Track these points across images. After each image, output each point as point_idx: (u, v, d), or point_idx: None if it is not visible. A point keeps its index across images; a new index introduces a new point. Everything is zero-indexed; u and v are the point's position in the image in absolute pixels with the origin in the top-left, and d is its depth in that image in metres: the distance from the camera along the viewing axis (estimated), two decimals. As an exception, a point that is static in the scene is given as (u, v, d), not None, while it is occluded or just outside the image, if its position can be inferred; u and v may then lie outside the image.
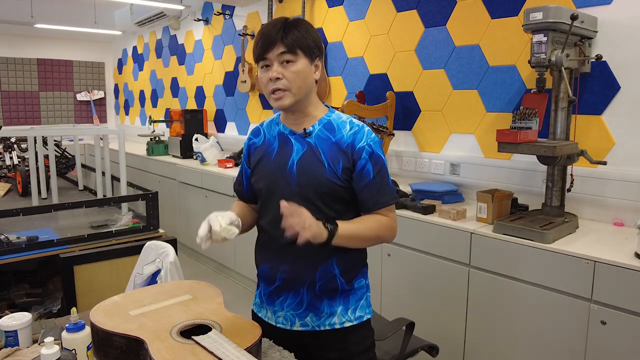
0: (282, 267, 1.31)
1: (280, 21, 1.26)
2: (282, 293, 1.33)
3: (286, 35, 1.23)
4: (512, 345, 1.95)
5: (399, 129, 3.03)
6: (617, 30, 2.07)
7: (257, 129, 1.44)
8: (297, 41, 1.23)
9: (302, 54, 1.25)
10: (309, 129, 1.31)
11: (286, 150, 1.32)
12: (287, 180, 1.29)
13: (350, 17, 3.32)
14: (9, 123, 6.69)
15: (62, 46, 7.08)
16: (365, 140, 1.28)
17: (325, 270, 1.29)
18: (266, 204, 1.36)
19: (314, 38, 1.27)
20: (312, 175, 1.27)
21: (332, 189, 1.27)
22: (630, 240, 1.87)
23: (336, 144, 1.29)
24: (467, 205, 2.48)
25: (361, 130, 1.30)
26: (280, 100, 1.26)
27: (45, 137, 3.53)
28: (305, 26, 1.27)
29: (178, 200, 4.37)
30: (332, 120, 1.33)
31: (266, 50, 1.24)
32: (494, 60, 2.53)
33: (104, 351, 1.06)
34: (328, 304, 1.31)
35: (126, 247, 2.08)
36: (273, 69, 1.24)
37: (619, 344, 1.65)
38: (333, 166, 1.27)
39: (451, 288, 2.13)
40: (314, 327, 1.31)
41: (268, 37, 1.24)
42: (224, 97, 4.76)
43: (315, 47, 1.27)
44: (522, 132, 1.91)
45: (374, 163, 1.28)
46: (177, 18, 5.31)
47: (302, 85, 1.26)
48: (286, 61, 1.24)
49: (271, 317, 1.36)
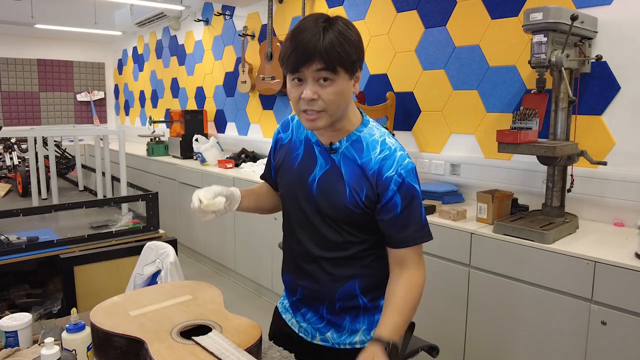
0: (302, 282, 1.27)
1: (319, 25, 1.04)
2: (303, 306, 1.29)
3: (328, 48, 1.02)
4: (512, 346, 1.95)
5: (399, 129, 3.03)
6: (617, 31, 2.07)
7: (286, 123, 1.33)
8: (339, 57, 1.04)
9: (343, 72, 1.06)
10: (335, 144, 1.17)
11: (309, 162, 1.21)
12: (306, 195, 1.21)
13: (350, 17, 3.32)
14: (9, 123, 6.69)
15: (62, 46, 7.08)
16: (394, 168, 1.12)
17: (346, 291, 1.22)
18: (286, 214, 1.31)
19: (358, 48, 1.08)
20: (331, 199, 1.17)
21: (351, 216, 1.16)
22: (631, 240, 1.87)
23: (361, 167, 1.15)
24: (467, 205, 2.48)
25: (392, 155, 1.13)
26: (314, 122, 1.09)
27: (46, 137, 3.53)
28: (349, 34, 1.06)
29: (178, 201, 4.37)
30: (362, 137, 1.17)
31: (301, 64, 1.04)
32: (494, 60, 2.53)
33: (104, 352, 1.06)
34: (350, 321, 1.25)
35: (126, 248, 2.08)
36: (308, 88, 1.06)
37: (619, 344, 1.65)
38: (355, 193, 1.14)
39: (451, 288, 2.13)
40: (334, 344, 1.26)
41: (305, 49, 1.03)
42: (224, 98, 4.76)
43: (357, 60, 1.08)
44: (522, 132, 1.91)
45: (403, 195, 1.13)
46: (177, 18, 5.32)
47: (341, 106, 1.10)
48: (323, 79, 1.06)
49: (295, 324, 1.33)
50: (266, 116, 4.26)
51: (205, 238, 4.05)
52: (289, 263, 1.32)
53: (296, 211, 1.25)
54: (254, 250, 3.44)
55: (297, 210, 1.24)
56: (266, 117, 4.26)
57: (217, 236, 3.87)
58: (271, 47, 3.85)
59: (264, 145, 4.25)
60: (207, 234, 4.02)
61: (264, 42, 3.93)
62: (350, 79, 1.10)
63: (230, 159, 4.05)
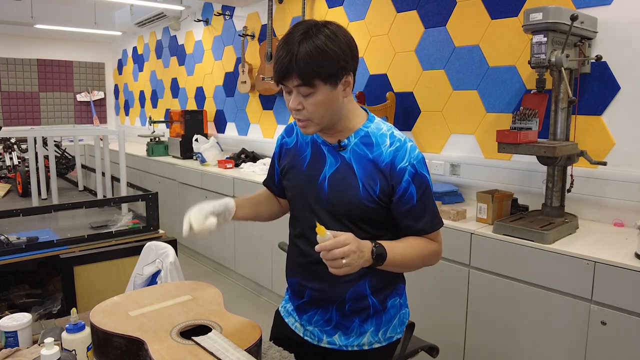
0: (311, 284, 1.26)
1: (295, 40, 1.05)
2: (310, 309, 1.28)
3: (301, 65, 1.04)
4: (512, 346, 1.95)
5: (398, 129, 3.01)
6: (617, 31, 2.07)
7: (290, 128, 1.34)
8: (314, 72, 1.05)
9: (322, 84, 1.07)
10: (343, 141, 1.19)
11: (318, 162, 1.22)
12: (317, 196, 1.20)
13: (350, 17, 3.32)
14: (9, 123, 6.69)
15: (62, 47, 7.08)
16: (407, 159, 1.14)
17: (356, 290, 1.22)
18: (295, 217, 1.30)
19: (337, 58, 1.06)
20: (344, 196, 1.16)
21: (365, 212, 1.16)
22: (630, 240, 1.87)
23: (373, 161, 1.16)
24: (467, 205, 2.48)
25: (403, 146, 1.16)
26: (305, 128, 1.14)
27: (45, 137, 3.53)
28: (329, 45, 1.05)
29: (178, 201, 4.37)
30: (371, 132, 1.19)
31: (281, 79, 1.09)
32: (494, 60, 2.53)
33: (104, 352, 1.06)
34: (359, 324, 1.24)
35: (126, 248, 2.08)
36: (292, 99, 1.11)
37: (619, 344, 1.65)
38: (369, 187, 1.15)
39: (451, 288, 2.13)
40: (341, 346, 1.26)
41: (281, 66, 1.06)
42: (224, 98, 4.76)
43: (339, 69, 1.08)
44: (522, 132, 1.91)
45: (417, 185, 1.15)
46: (177, 19, 5.32)
47: (326, 114, 1.12)
48: (303, 92, 1.08)
49: (299, 328, 1.32)
50: (266, 116, 4.26)
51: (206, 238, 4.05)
52: (295, 265, 1.31)
53: (306, 212, 1.24)
54: (254, 250, 3.44)
55: (307, 211, 1.23)
56: (266, 117, 4.26)
57: (217, 236, 3.86)
58: (271, 47, 3.85)
59: (263, 146, 4.25)
60: (207, 234, 4.02)
61: (263, 42, 3.93)
62: (334, 88, 1.10)
63: (230, 159, 4.06)
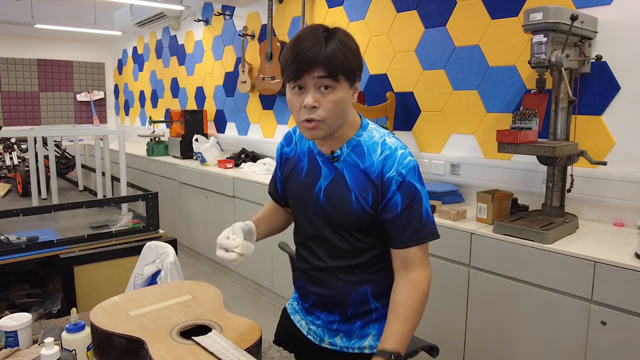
0: (314, 290, 1.27)
1: (320, 35, 1.05)
2: (314, 312, 1.30)
3: (329, 55, 1.02)
4: (512, 346, 1.95)
5: (398, 129, 3.03)
6: (617, 31, 2.07)
7: (289, 136, 1.33)
8: (341, 64, 1.04)
9: (344, 80, 1.06)
10: (336, 152, 1.18)
11: (314, 172, 1.22)
12: (314, 205, 1.22)
13: (350, 17, 3.32)
14: (9, 123, 6.69)
15: (62, 46, 7.08)
16: (395, 168, 1.12)
17: (359, 297, 1.23)
18: (297, 225, 1.32)
19: (358, 58, 1.09)
20: (339, 207, 1.17)
21: (359, 223, 1.16)
22: (630, 240, 1.87)
23: (364, 172, 1.15)
24: (467, 205, 2.48)
25: (392, 155, 1.13)
26: (314, 131, 1.09)
27: (45, 137, 3.53)
28: (349, 43, 1.07)
29: (178, 201, 4.37)
30: (362, 141, 1.17)
31: (302, 72, 1.04)
32: (494, 60, 2.53)
33: (103, 352, 1.06)
34: (361, 327, 1.25)
35: (126, 248, 2.08)
36: (309, 95, 1.05)
37: (619, 344, 1.65)
38: (361, 199, 1.14)
39: (451, 288, 2.13)
40: (342, 348, 1.27)
41: (306, 56, 1.03)
42: (224, 98, 4.76)
43: (357, 69, 1.09)
44: (522, 132, 1.91)
45: (404, 195, 1.12)
46: (177, 18, 5.31)
47: (340, 115, 1.10)
48: (324, 86, 1.05)
49: (304, 326, 1.34)
50: (266, 116, 4.26)
51: (205, 238, 4.05)
52: (300, 271, 1.33)
53: (306, 222, 1.26)
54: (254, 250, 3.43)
55: (306, 221, 1.25)
56: (266, 117, 4.26)
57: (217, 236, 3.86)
58: (271, 47, 3.85)
59: (264, 145, 4.25)
60: (207, 234, 4.02)
61: (264, 42, 3.93)
62: (350, 88, 1.10)
63: (230, 159, 4.06)
